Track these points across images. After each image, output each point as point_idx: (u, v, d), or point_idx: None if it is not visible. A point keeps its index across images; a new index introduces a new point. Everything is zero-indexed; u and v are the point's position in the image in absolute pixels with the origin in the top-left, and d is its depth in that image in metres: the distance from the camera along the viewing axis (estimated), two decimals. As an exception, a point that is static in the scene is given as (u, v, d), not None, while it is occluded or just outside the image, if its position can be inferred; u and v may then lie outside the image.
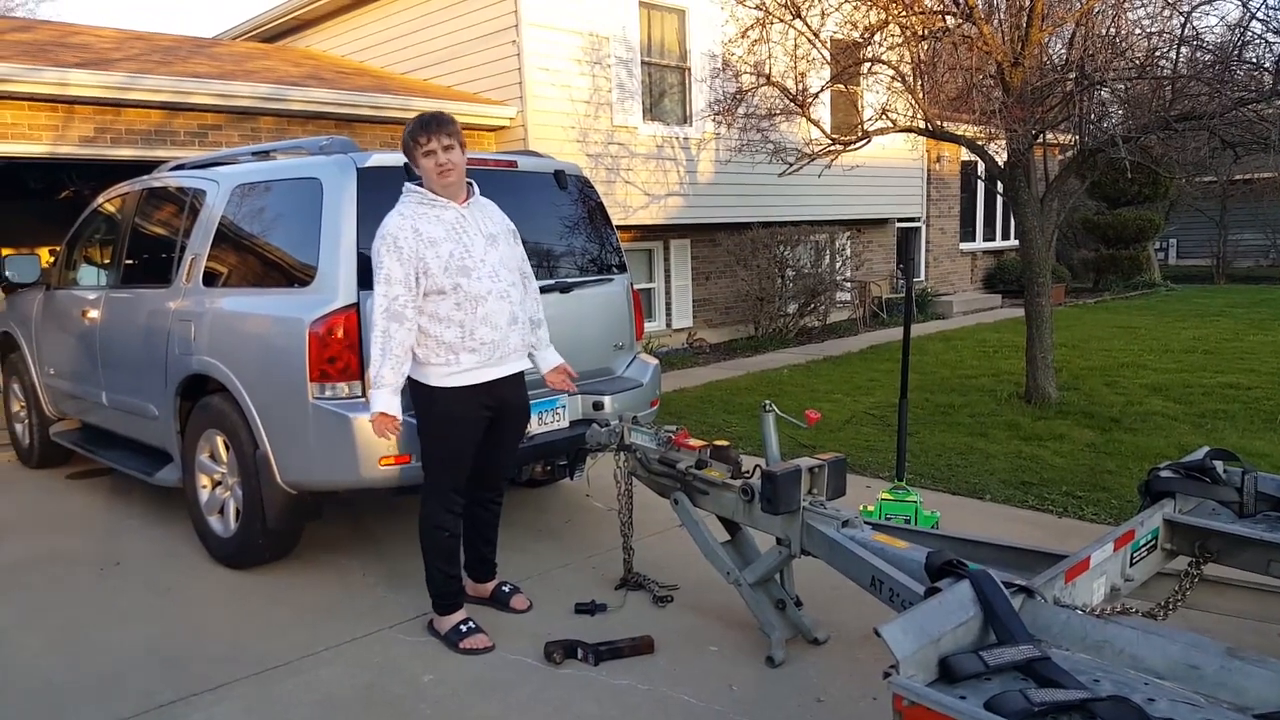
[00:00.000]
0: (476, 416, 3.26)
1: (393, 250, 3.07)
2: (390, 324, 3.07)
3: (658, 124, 10.03)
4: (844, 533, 2.81)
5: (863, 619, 3.31)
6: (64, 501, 5.30)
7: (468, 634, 3.26)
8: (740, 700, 2.86)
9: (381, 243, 3.09)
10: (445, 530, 3.30)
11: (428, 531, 3.32)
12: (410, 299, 3.09)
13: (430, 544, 3.32)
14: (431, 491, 3.30)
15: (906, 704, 1.71)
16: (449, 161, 3.11)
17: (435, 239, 3.11)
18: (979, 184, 15.78)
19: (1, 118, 6.65)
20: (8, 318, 6.30)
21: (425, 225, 3.11)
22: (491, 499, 3.59)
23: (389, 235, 3.08)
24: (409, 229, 3.09)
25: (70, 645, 3.38)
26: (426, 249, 3.09)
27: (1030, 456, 5.51)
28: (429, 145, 3.08)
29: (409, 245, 3.07)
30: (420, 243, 3.08)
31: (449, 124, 3.12)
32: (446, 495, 3.29)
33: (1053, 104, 6.55)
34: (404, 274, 3.07)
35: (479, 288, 3.16)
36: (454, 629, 3.28)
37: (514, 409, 3.41)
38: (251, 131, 7.79)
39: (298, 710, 2.88)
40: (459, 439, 3.25)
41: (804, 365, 9.29)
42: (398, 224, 3.10)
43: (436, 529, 3.30)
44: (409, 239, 3.08)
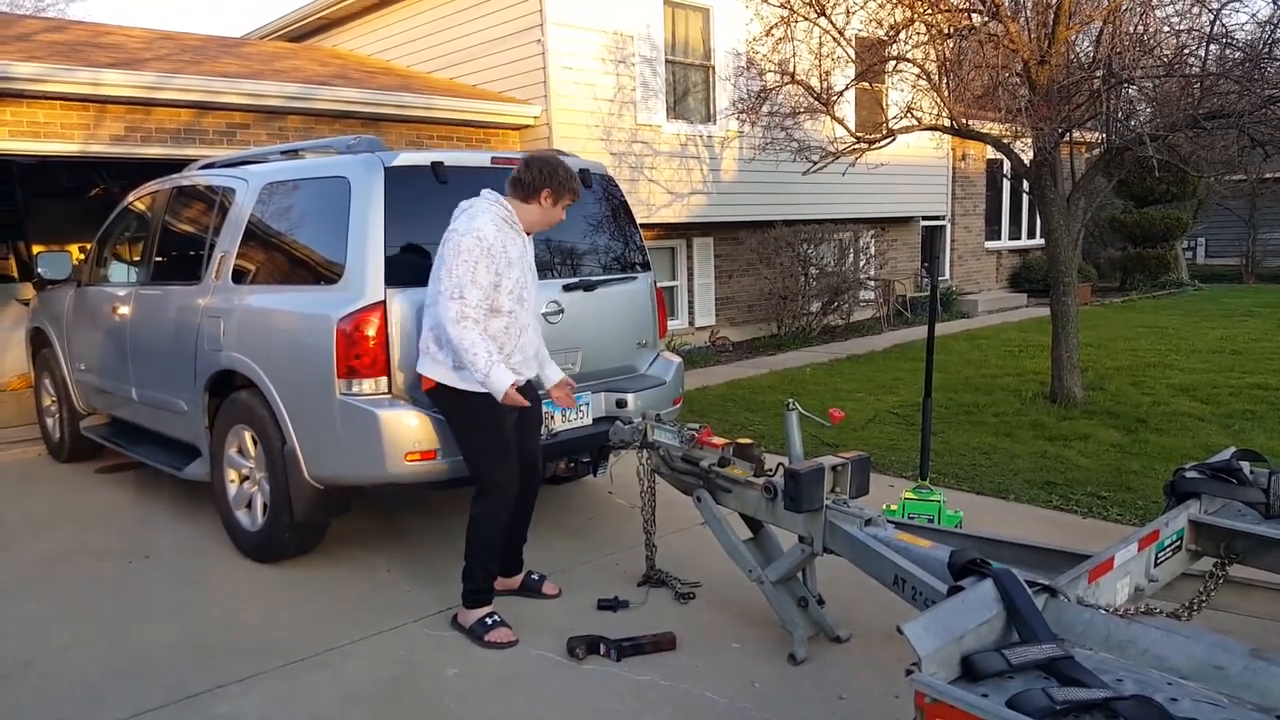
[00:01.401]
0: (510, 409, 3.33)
1: (486, 258, 3.15)
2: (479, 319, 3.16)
3: (681, 122, 10.03)
4: (867, 531, 2.81)
5: (885, 617, 3.30)
6: (94, 495, 5.40)
7: (493, 627, 3.30)
8: (762, 697, 2.87)
9: (478, 246, 3.15)
10: (499, 526, 3.36)
11: (483, 528, 3.35)
12: (485, 306, 3.19)
13: (482, 539, 3.35)
14: (489, 488, 3.34)
15: (928, 701, 1.72)
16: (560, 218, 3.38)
17: (512, 260, 3.26)
18: (1004, 182, 15.64)
19: (34, 117, 6.79)
20: (40, 314, 6.43)
21: (510, 245, 3.25)
22: (530, 485, 3.63)
23: (486, 242, 3.15)
24: (501, 244, 3.20)
25: (101, 637, 3.45)
26: (506, 268, 3.23)
27: (1055, 456, 5.47)
28: (567, 199, 3.32)
29: (499, 259, 3.19)
30: (505, 260, 3.22)
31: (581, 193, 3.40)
32: (503, 490, 3.34)
33: (1080, 102, 6.49)
34: (487, 283, 3.17)
35: (525, 318, 3.37)
36: (479, 622, 3.33)
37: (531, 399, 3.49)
38: (279, 130, 7.89)
39: (324, 703, 2.93)
40: (502, 429, 3.32)
41: (827, 364, 9.26)
42: (494, 235, 3.19)
43: (492, 525, 3.35)
44: (499, 253, 3.19)
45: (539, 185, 3.27)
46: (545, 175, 3.27)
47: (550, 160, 3.33)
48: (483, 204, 3.27)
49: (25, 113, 6.74)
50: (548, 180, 3.27)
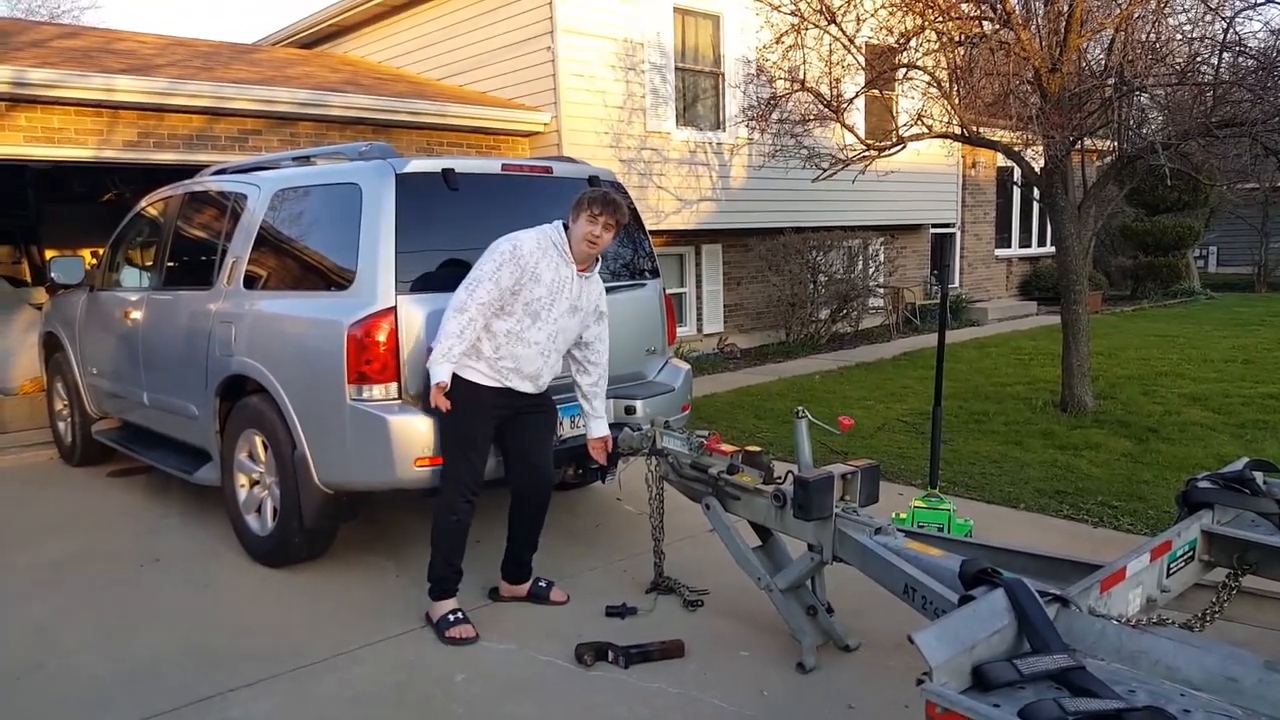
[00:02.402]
0: (488, 405, 3.42)
1: (514, 265, 3.31)
2: (478, 317, 3.32)
3: (691, 129, 10.04)
4: (877, 540, 2.81)
5: (895, 626, 3.28)
6: (105, 499, 5.43)
7: (454, 623, 3.38)
8: (771, 706, 2.86)
9: (512, 252, 3.32)
10: (457, 517, 3.43)
11: (442, 517, 3.44)
12: (495, 307, 3.34)
13: (442, 529, 3.44)
14: (448, 477, 3.44)
15: (940, 711, 1.71)
16: (600, 239, 3.41)
17: (540, 279, 3.37)
18: (1015, 190, 15.60)
19: (49, 122, 6.84)
20: (52, 318, 6.47)
21: (544, 266, 3.37)
22: (537, 497, 3.67)
23: (519, 252, 3.32)
24: (534, 261, 3.34)
25: (111, 640, 3.46)
26: (530, 282, 3.35)
27: (1065, 466, 5.44)
28: (599, 217, 3.36)
29: (527, 270, 3.33)
30: (531, 275, 3.35)
31: (621, 212, 3.43)
32: (463, 482, 3.42)
33: (1091, 110, 6.47)
34: (506, 287, 3.32)
35: (534, 335, 3.42)
36: (443, 618, 3.40)
37: (531, 406, 3.57)
38: (291, 137, 7.93)
39: (332, 707, 2.93)
40: (470, 423, 3.40)
41: (836, 371, 9.25)
42: (531, 249, 3.35)
43: (450, 515, 3.42)
44: (530, 265, 3.33)
45: (579, 207, 3.40)
46: (585, 202, 3.41)
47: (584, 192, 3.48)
48: (543, 225, 3.45)
49: (40, 118, 6.79)
50: (574, 202, 3.43)
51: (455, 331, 3.30)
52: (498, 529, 4.60)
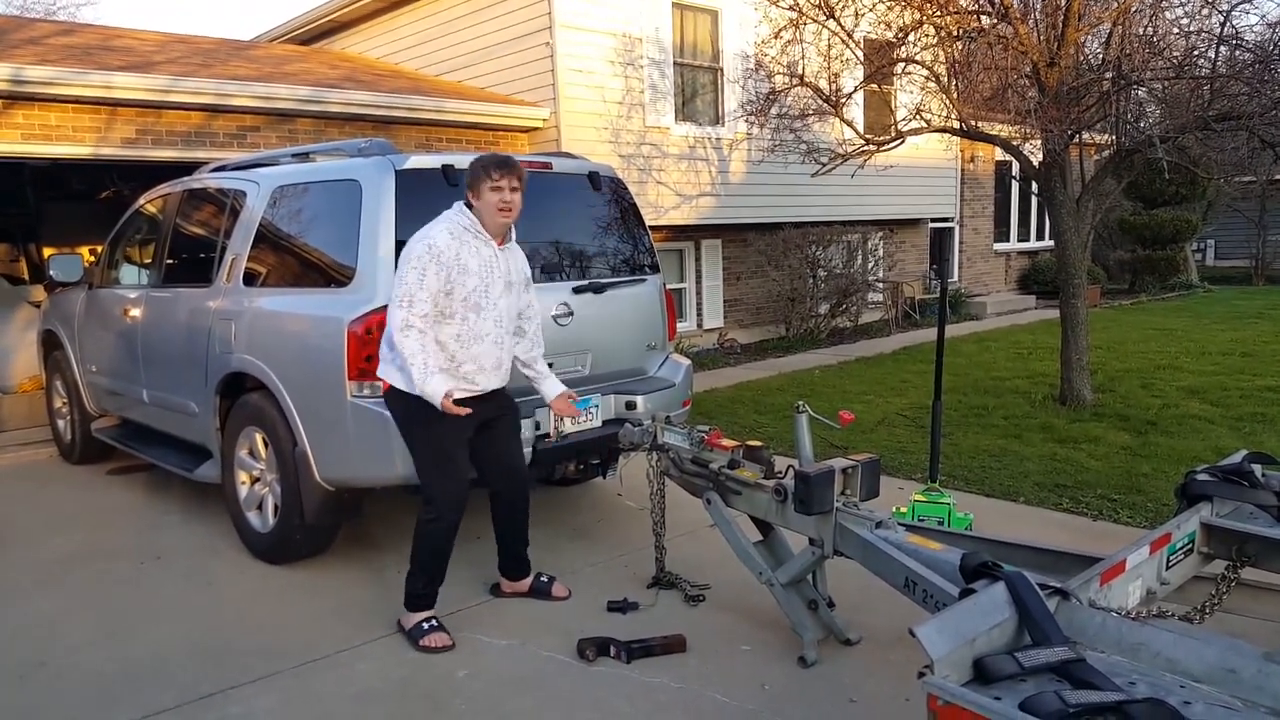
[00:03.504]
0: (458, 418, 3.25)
1: (436, 264, 3.16)
2: (426, 328, 3.18)
3: (690, 124, 10.04)
4: (877, 534, 2.81)
5: (895, 620, 3.30)
6: (105, 496, 5.43)
7: (429, 631, 3.32)
8: (773, 699, 2.87)
9: (428, 254, 3.16)
10: (445, 530, 3.35)
11: (424, 535, 3.35)
12: (432, 314, 3.19)
13: (426, 544, 3.35)
14: (431, 494, 3.34)
15: (941, 704, 1.72)
16: (514, 202, 3.27)
17: (468, 268, 3.24)
18: (1013, 184, 15.59)
19: (46, 120, 6.83)
20: (51, 316, 6.47)
21: (466, 253, 3.23)
22: (517, 496, 3.63)
23: (436, 249, 3.17)
24: (453, 252, 3.20)
25: (114, 637, 3.47)
26: (459, 275, 3.21)
27: (1065, 459, 5.45)
28: (499, 182, 3.21)
29: (449, 266, 3.19)
30: (456, 267, 3.21)
31: (520, 169, 3.29)
32: (446, 498, 3.32)
33: (1089, 104, 6.47)
34: (436, 289, 3.17)
35: (482, 327, 3.31)
36: (417, 626, 3.34)
37: (498, 408, 3.48)
38: (290, 133, 7.93)
39: (335, 703, 2.94)
40: (441, 437, 3.29)
41: (836, 366, 9.25)
42: (446, 242, 3.20)
43: (433, 534, 3.34)
44: (450, 260, 3.19)
45: (476, 179, 3.24)
46: (477, 169, 3.24)
47: (476, 157, 3.32)
48: (446, 214, 3.30)
49: (38, 116, 6.79)
50: (478, 172, 3.23)
51: (418, 348, 3.15)
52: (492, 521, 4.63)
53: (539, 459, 4.00)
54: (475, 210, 3.28)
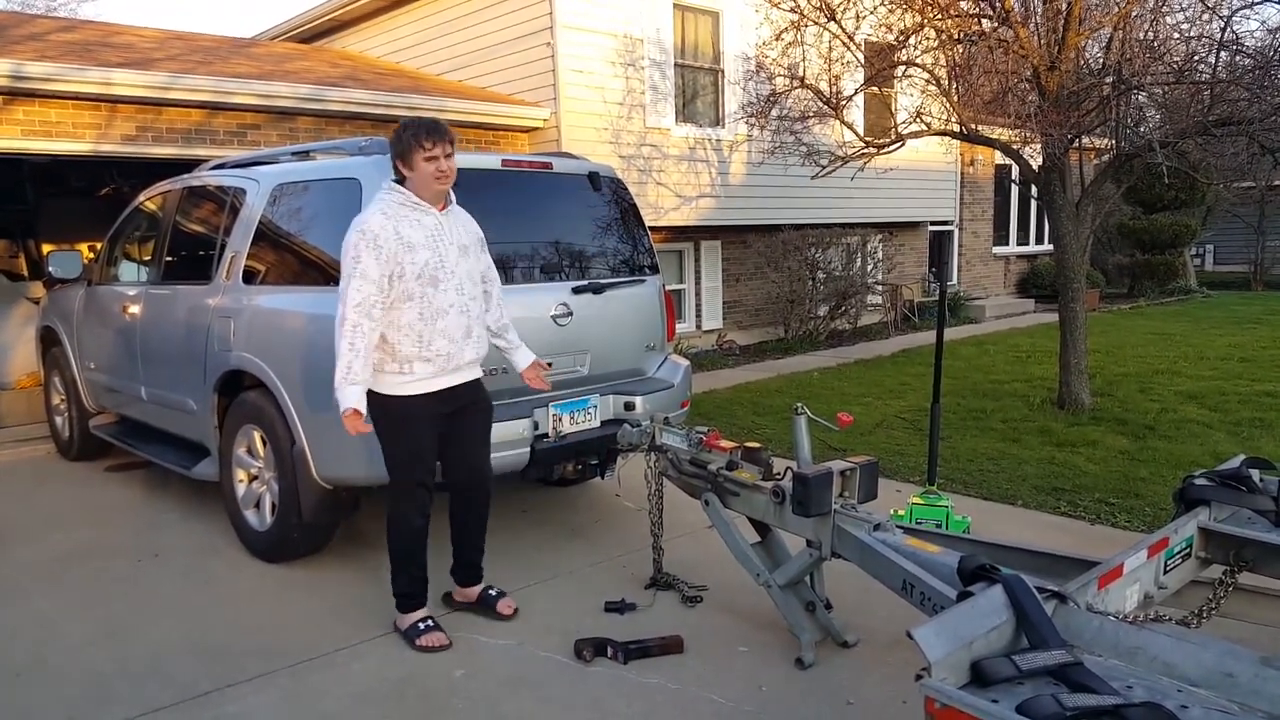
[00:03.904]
0: (432, 414, 3.23)
1: (373, 249, 3.01)
2: (362, 320, 3.03)
3: (690, 126, 10.05)
4: (875, 536, 2.81)
5: (893, 623, 3.30)
6: (103, 494, 5.43)
7: (425, 631, 3.28)
8: (769, 701, 2.87)
9: (361, 239, 3.02)
10: (414, 529, 3.29)
11: (395, 533, 3.30)
12: (380, 300, 3.05)
13: (399, 543, 3.31)
14: (399, 491, 3.27)
15: (938, 706, 1.72)
16: (449, 169, 3.14)
17: (414, 244, 3.08)
18: (1013, 188, 15.62)
19: (46, 116, 6.83)
20: (50, 313, 6.46)
21: (406, 228, 3.08)
22: (477, 498, 3.50)
23: (370, 233, 3.02)
24: (391, 230, 3.05)
25: (112, 635, 3.47)
26: (405, 253, 3.06)
27: (1063, 463, 5.46)
28: (433, 150, 3.08)
29: (389, 247, 3.04)
30: (400, 246, 3.05)
31: (450, 132, 3.17)
32: (415, 493, 3.26)
33: (1089, 108, 6.48)
34: (379, 275, 3.03)
35: (444, 300, 3.16)
36: (413, 626, 3.30)
37: (472, 405, 3.38)
38: (290, 131, 7.92)
39: (332, 703, 2.94)
40: (416, 438, 3.21)
41: (834, 368, 9.26)
42: (380, 223, 3.05)
43: (406, 527, 3.29)
44: (390, 240, 3.04)
45: (407, 150, 3.09)
46: (406, 139, 3.09)
47: (401, 124, 3.16)
48: (378, 196, 3.17)
49: (38, 112, 6.78)
50: (409, 141, 3.08)
51: (344, 349, 3.02)
52: (490, 521, 4.62)
53: (537, 459, 4.01)
54: (409, 182, 3.13)
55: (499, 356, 3.85)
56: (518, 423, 3.91)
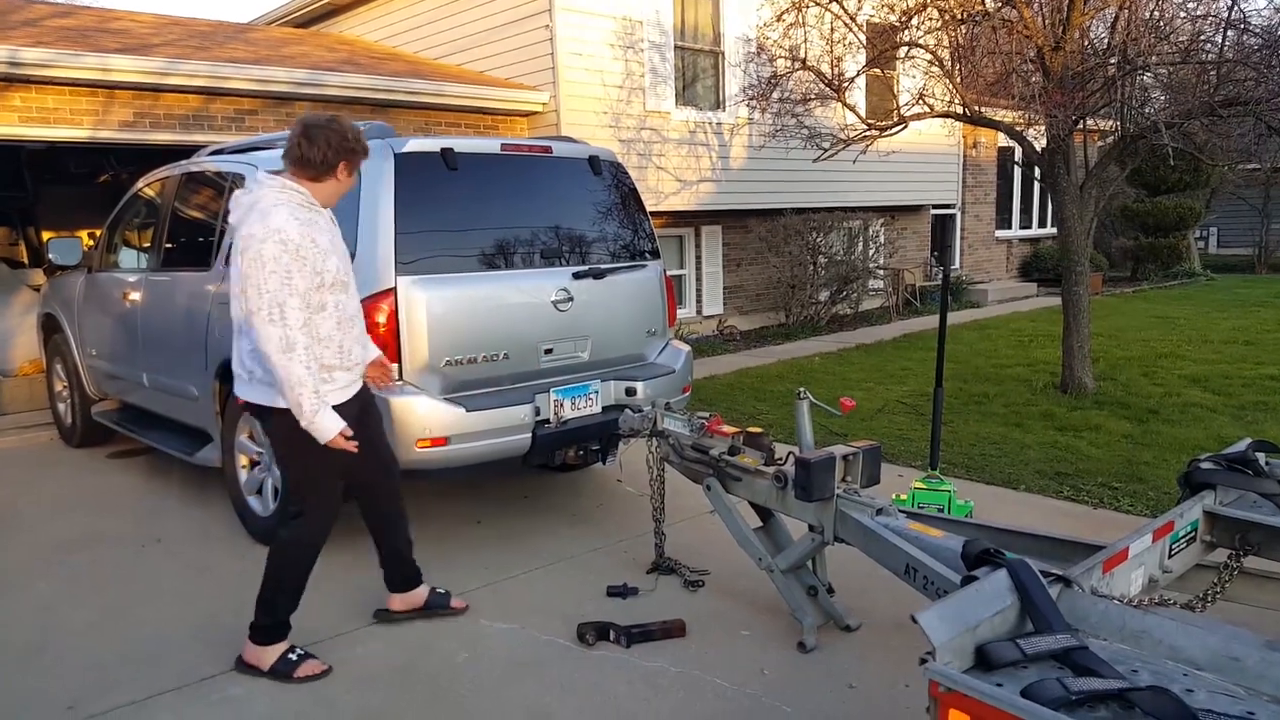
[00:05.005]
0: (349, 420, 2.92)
1: (295, 259, 2.72)
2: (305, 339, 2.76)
3: (690, 109, 9.98)
4: (878, 520, 2.81)
5: (895, 607, 3.30)
6: (105, 480, 5.43)
7: (300, 661, 2.99)
8: (772, 684, 2.87)
9: (283, 251, 2.70)
10: (316, 549, 3.06)
11: (292, 555, 3.01)
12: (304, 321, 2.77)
13: (291, 567, 3.01)
14: (314, 512, 3.02)
15: (942, 690, 1.71)
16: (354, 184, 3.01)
17: (325, 250, 2.85)
18: (1016, 170, 15.54)
19: (43, 102, 6.78)
20: (51, 299, 6.45)
21: (319, 234, 2.84)
22: (394, 488, 3.33)
23: (292, 243, 2.72)
24: (309, 238, 2.77)
25: (114, 620, 3.47)
26: (322, 261, 2.82)
27: (1066, 447, 5.45)
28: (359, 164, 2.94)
29: (310, 254, 2.77)
30: (317, 253, 2.80)
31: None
32: (328, 515, 3.06)
33: (1094, 89, 6.42)
34: (305, 289, 2.76)
35: (352, 305, 3.01)
36: (282, 659, 2.99)
37: (369, 404, 3.20)
38: (287, 116, 7.87)
39: (336, 687, 2.94)
40: (328, 455, 2.90)
41: (835, 353, 9.23)
42: (295, 228, 2.74)
43: (309, 549, 3.04)
44: (308, 246, 2.76)
45: (334, 160, 2.84)
46: (338, 148, 2.83)
47: (336, 127, 2.86)
48: (270, 194, 2.79)
49: (34, 99, 6.74)
50: (342, 153, 2.85)
51: (303, 375, 2.73)
52: (492, 507, 4.64)
53: (539, 444, 4.00)
54: (324, 184, 2.87)
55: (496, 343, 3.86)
56: (519, 408, 3.91)
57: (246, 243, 2.72)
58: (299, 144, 2.84)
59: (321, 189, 2.89)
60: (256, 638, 3.01)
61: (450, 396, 3.79)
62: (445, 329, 3.81)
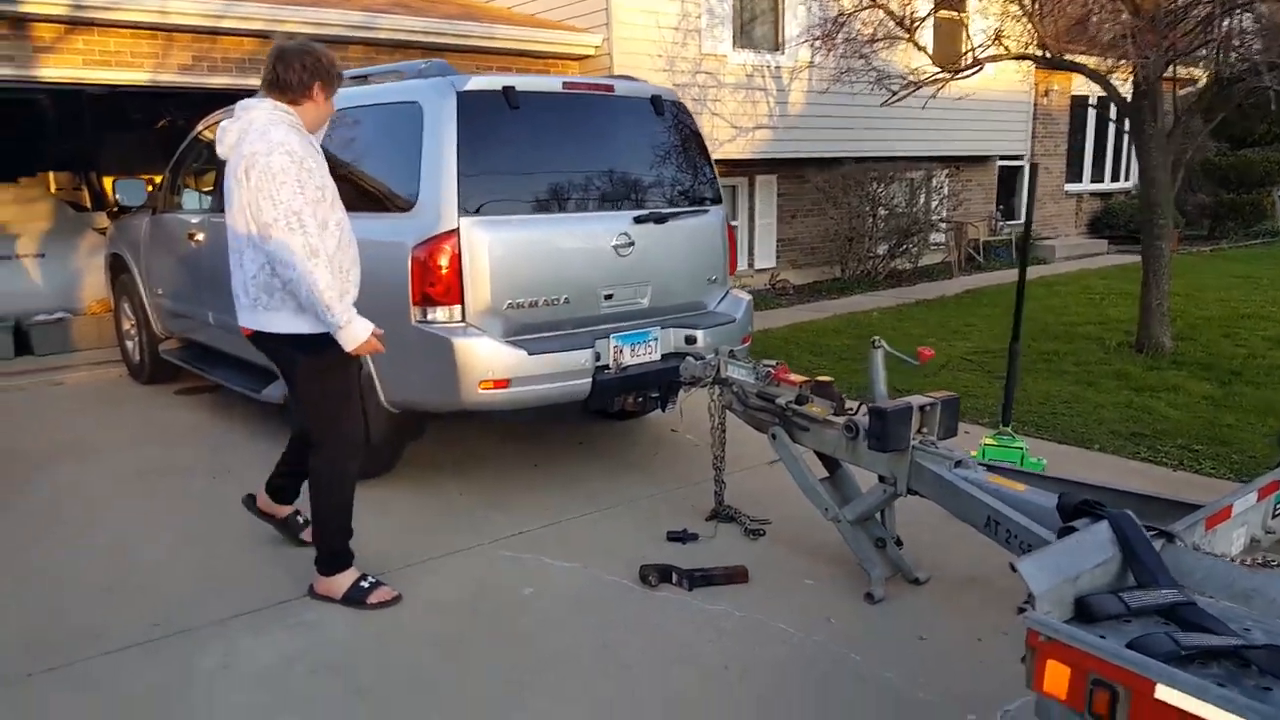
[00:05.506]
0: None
1: (303, 171, 2.74)
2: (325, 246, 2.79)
3: (748, 52, 9.67)
4: (957, 473, 2.71)
5: (965, 562, 3.21)
6: (174, 415, 5.56)
7: (373, 588, 3.02)
8: (839, 633, 2.82)
9: (290, 162, 2.71)
10: (349, 479, 3.06)
11: (335, 483, 3.02)
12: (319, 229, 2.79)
13: (335, 497, 3.04)
14: (337, 440, 3.00)
15: (1042, 640, 1.63)
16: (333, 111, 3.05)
17: (321, 170, 2.88)
18: (1089, 120, 14.85)
19: (105, 45, 6.83)
20: (117, 240, 6.56)
21: (312, 153, 2.86)
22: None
23: (296, 153, 2.74)
24: (307, 152, 2.80)
25: (192, 545, 3.56)
26: (324, 177, 2.88)
27: (1142, 407, 5.24)
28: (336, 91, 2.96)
29: (314, 169, 2.81)
30: (320, 169, 2.87)
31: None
32: (353, 439, 3.05)
33: (1188, 29, 6.03)
34: (315, 200, 2.79)
35: (348, 225, 3.00)
36: (354, 586, 3.02)
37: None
38: (341, 60, 7.71)
39: (406, 613, 2.98)
40: (350, 376, 2.99)
41: (895, 309, 9.01)
42: (298, 142, 2.77)
43: (341, 479, 3.04)
44: (310, 160, 2.80)
45: (309, 81, 2.85)
46: (312, 69, 2.84)
47: (309, 49, 2.89)
48: (262, 114, 2.81)
49: (97, 41, 6.78)
50: (316, 74, 2.86)
51: (330, 278, 2.74)
52: (549, 451, 4.62)
53: (598, 390, 3.95)
54: (305, 108, 2.88)
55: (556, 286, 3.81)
56: (580, 353, 3.86)
57: (252, 160, 2.72)
58: (274, 68, 2.86)
59: (303, 113, 2.90)
60: (321, 569, 3.07)
61: (512, 339, 3.75)
62: (507, 272, 3.76)
